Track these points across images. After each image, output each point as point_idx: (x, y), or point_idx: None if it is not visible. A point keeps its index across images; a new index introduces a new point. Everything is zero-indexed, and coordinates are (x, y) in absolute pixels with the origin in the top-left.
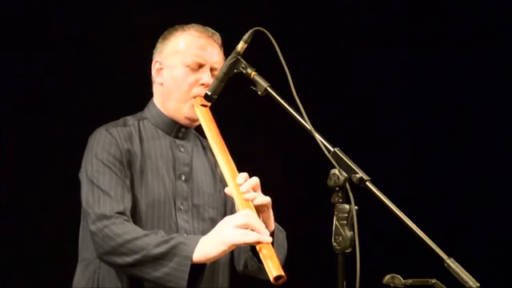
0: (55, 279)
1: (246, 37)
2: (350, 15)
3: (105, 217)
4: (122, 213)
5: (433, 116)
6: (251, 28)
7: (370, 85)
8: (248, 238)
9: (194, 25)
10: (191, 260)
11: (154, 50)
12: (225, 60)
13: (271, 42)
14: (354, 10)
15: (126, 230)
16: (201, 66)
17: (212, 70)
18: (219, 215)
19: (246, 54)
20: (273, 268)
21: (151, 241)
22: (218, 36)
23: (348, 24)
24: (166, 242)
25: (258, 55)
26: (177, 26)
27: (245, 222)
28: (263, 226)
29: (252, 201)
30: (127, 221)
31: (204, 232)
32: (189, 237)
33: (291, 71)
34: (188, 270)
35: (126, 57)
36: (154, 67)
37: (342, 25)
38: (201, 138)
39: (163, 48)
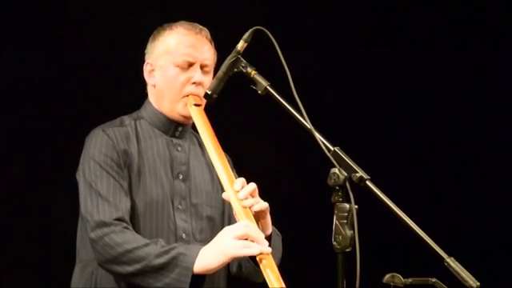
0: (54, 280)
1: (246, 36)
2: (350, 14)
3: (104, 224)
4: (120, 219)
5: (433, 115)
6: (251, 27)
7: (371, 84)
8: (249, 250)
9: (181, 22)
10: (192, 271)
11: (145, 51)
12: (215, 53)
13: (271, 41)
14: (354, 9)
15: (126, 239)
16: (191, 64)
17: (203, 66)
18: (217, 213)
19: (246, 53)
20: (274, 280)
21: (152, 251)
22: (206, 31)
23: (348, 23)
24: (166, 252)
25: (258, 54)
26: (165, 25)
27: (244, 233)
28: (262, 235)
29: (250, 208)
30: (127, 228)
31: (202, 230)
32: (189, 247)
33: (291, 70)
34: (189, 280)
35: (125, 56)
36: (146, 69)
37: (341, 24)
38: (197, 135)
39: (153, 49)
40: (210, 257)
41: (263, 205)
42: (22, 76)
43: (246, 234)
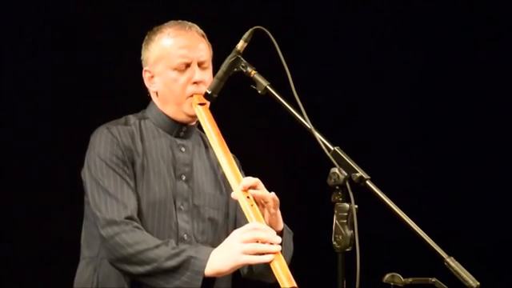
0: (59, 278)
1: (246, 36)
2: (350, 14)
3: (114, 222)
4: (130, 217)
5: (432, 114)
6: (251, 27)
7: (370, 84)
8: (261, 258)
9: (170, 22)
10: (203, 275)
11: (141, 58)
12: (210, 47)
13: (271, 41)
14: (354, 8)
15: (137, 239)
16: (188, 64)
17: (200, 63)
18: (220, 216)
19: (246, 53)
20: (285, 280)
21: (163, 253)
22: (196, 27)
23: (348, 23)
24: (177, 254)
25: (258, 54)
26: (154, 29)
27: (252, 237)
28: (273, 233)
29: (252, 194)
30: (137, 227)
31: (204, 232)
32: (199, 250)
33: (291, 70)
34: (200, 284)
35: (127, 56)
36: (145, 76)
37: (341, 23)
38: (203, 135)
39: (148, 56)
40: (220, 261)
41: (266, 192)
42: (24, 74)
43: (254, 239)
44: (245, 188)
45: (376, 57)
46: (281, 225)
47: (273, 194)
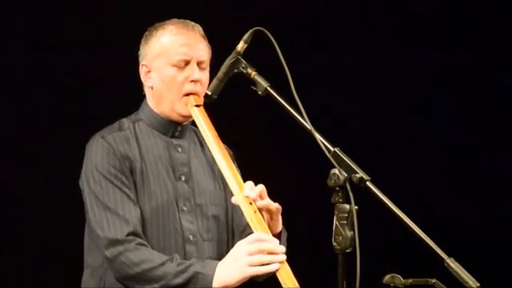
0: (63, 285)
1: (245, 37)
2: (350, 14)
3: (117, 242)
4: (133, 233)
5: (432, 113)
6: (251, 28)
7: (369, 84)
8: (268, 268)
9: (173, 20)
10: None
11: (139, 53)
12: (210, 48)
13: (271, 42)
14: (354, 8)
15: (142, 258)
16: (187, 62)
17: (199, 63)
18: (222, 212)
19: (246, 54)
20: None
21: (169, 270)
22: (198, 27)
23: (346, 23)
24: (183, 271)
25: (259, 55)
26: (156, 25)
27: (258, 249)
28: (276, 242)
29: (260, 209)
30: (141, 244)
31: (209, 230)
32: (205, 264)
33: (291, 71)
34: None
35: (124, 56)
36: (142, 71)
37: (341, 23)
38: (197, 132)
39: (147, 50)
40: (227, 274)
41: (273, 204)
42: (25, 75)
43: (259, 250)
44: (251, 199)
45: (376, 57)
46: (279, 227)
47: (276, 204)
